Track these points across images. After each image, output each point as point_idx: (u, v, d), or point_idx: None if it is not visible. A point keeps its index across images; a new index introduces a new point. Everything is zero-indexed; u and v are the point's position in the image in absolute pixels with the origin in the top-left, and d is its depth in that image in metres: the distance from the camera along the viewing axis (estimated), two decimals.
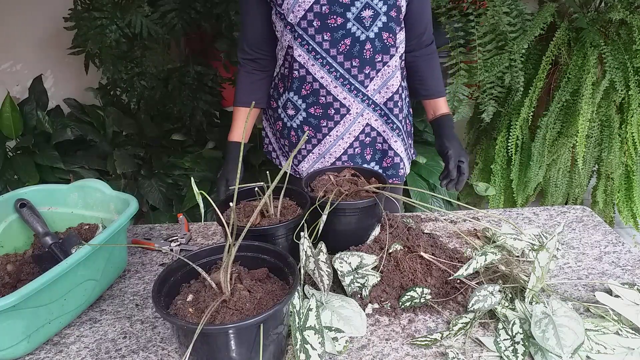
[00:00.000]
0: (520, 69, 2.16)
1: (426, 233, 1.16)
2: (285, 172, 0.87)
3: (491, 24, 2.17)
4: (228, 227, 0.81)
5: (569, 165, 2.40)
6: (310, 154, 1.35)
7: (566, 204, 2.53)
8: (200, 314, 0.75)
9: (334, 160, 1.34)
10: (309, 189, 1.11)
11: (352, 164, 1.35)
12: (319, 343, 0.75)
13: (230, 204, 1.05)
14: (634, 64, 2.04)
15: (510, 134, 2.26)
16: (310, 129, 1.32)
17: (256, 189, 1.09)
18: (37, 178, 2.27)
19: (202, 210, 0.77)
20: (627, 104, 2.12)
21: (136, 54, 2.34)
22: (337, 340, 0.83)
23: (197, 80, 2.44)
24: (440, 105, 1.37)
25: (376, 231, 1.10)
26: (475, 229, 1.20)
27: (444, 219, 1.27)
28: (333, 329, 0.84)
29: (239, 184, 1.17)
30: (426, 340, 0.84)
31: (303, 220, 0.94)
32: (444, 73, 2.38)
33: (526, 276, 0.93)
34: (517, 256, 1.03)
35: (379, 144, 1.36)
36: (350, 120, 1.29)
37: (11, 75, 2.69)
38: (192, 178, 0.83)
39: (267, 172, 1.09)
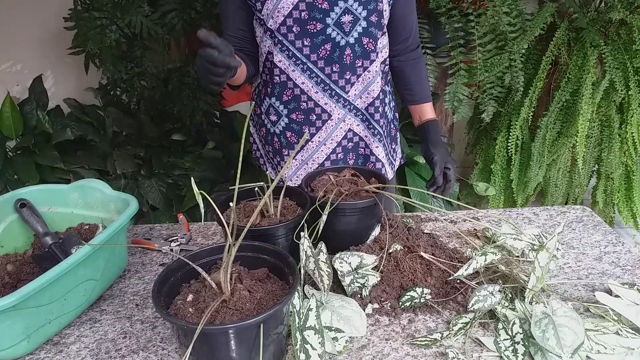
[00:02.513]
0: (520, 69, 2.16)
1: (426, 233, 1.16)
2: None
3: (491, 24, 2.17)
4: (228, 227, 0.81)
5: (569, 165, 2.40)
6: (294, 160, 1.34)
7: (566, 204, 2.53)
8: (200, 314, 0.75)
9: (316, 166, 1.33)
10: (309, 189, 1.11)
11: None
12: (319, 343, 0.75)
13: (230, 204, 1.05)
14: (634, 64, 2.04)
15: (510, 134, 2.26)
16: (293, 134, 1.31)
17: (256, 189, 1.09)
18: (37, 178, 2.27)
19: (202, 210, 0.77)
20: (627, 104, 2.13)
21: (136, 54, 2.34)
22: (337, 340, 0.83)
23: (197, 80, 2.44)
24: (427, 111, 1.36)
25: (376, 231, 1.10)
26: (475, 229, 1.20)
27: (444, 219, 1.27)
28: (333, 329, 0.84)
29: (240, 184, 1.16)
30: (426, 340, 0.84)
31: (303, 220, 0.94)
32: (444, 73, 2.39)
33: (526, 276, 0.93)
34: (517, 256, 1.03)
35: (361, 149, 1.35)
36: (332, 125, 1.29)
37: (11, 75, 2.69)
38: (192, 178, 0.83)
39: (267, 172, 1.09)
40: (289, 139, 1.32)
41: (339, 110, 1.27)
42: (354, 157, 1.36)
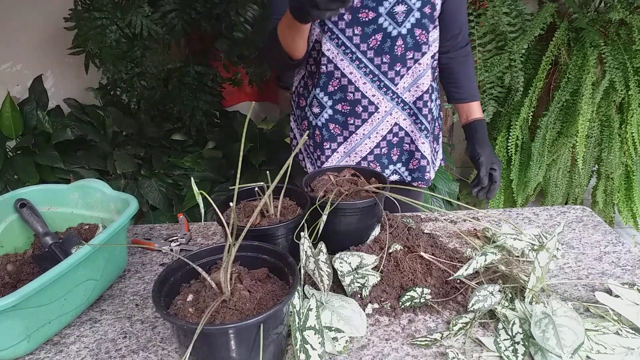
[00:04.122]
0: (520, 69, 2.16)
1: (426, 233, 1.16)
2: (286, 172, 0.86)
3: (491, 24, 2.17)
4: (228, 227, 0.81)
5: (569, 165, 2.40)
6: (336, 153, 1.33)
7: (566, 204, 2.53)
8: (200, 314, 0.75)
9: (359, 159, 1.32)
10: (309, 189, 1.11)
11: (377, 164, 1.33)
12: (319, 343, 0.75)
13: (230, 204, 1.05)
14: (633, 64, 2.04)
15: (510, 134, 2.26)
16: (337, 126, 1.29)
17: (256, 189, 1.09)
18: (37, 178, 2.27)
19: (202, 210, 0.77)
20: (627, 104, 2.13)
21: (136, 54, 2.34)
22: (337, 340, 0.83)
23: (197, 80, 2.44)
24: (474, 110, 1.34)
25: (376, 231, 1.10)
26: (475, 229, 1.20)
27: (444, 219, 1.27)
28: (333, 329, 0.84)
29: (240, 184, 1.15)
30: (426, 340, 0.84)
31: (303, 220, 0.94)
32: None
33: (526, 276, 0.93)
34: (517, 256, 1.03)
35: (406, 145, 1.32)
36: (378, 118, 1.27)
37: (11, 75, 2.69)
38: (192, 178, 0.83)
39: (267, 172, 1.09)
40: (332, 131, 1.29)
41: (386, 102, 1.25)
42: (399, 153, 1.33)
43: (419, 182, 1.37)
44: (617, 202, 2.37)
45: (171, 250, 1.16)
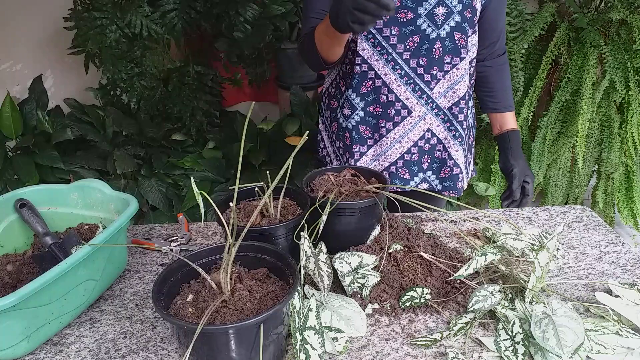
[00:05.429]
0: (520, 69, 2.16)
1: (426, 233, 1.16)
2: (286, 172, 0.86)
3: None
4: (228, 227, 0.81)
5: (569, 165, 2.40)
6: (365, 156, 1.30)
7: (566, 204, 2.53)
8: (200, 314, 0.75)
9: (388, 164, 1.29)
10: (309, 189, 1.11)
11: (407, 171, 1.31)
12: (319, 343, 0.75)
13: (230, 204, 1.05)
14: (634, 64, 2.04)
15: None
16: (368, 128, 1.27)
17: (256, 189, 1.09)
18: (37, 178, 2.27)
19: (202, 210, 0.77)
20: (627, 104, 2.13)
21: (136, 54, 2.34)
22: (337, 340, 0.83)
23: (197, 80, 2.44)
24: (508, 120, 1.31)
25: (376, 231, 1.10)
26: (475, 229, 1.20)
27: (444, 219, 1.27)
28: (333, 329, 0.84)
29: (240, 184, 1.15)
30: (426, 340, 0.84)
31: (303, 220, 0.94)
32: None
33: (526, 276, 0.93)
34: (517, 256, 1.03)
35: (438, 152, 1.30)
36: (411, 123, 1.24)
37: (11, 75, 2.69)
38: (192, 178, 0.83)
39: (267, 172, 1.08)
40: (363, 133, 1.27)
41: (420, 107, 1.22)
42: (429, 160, 1.30)
43: (450, 191, 1.35)
44: (617, 202, 2.38)
45: (171, 250, 1.16)
